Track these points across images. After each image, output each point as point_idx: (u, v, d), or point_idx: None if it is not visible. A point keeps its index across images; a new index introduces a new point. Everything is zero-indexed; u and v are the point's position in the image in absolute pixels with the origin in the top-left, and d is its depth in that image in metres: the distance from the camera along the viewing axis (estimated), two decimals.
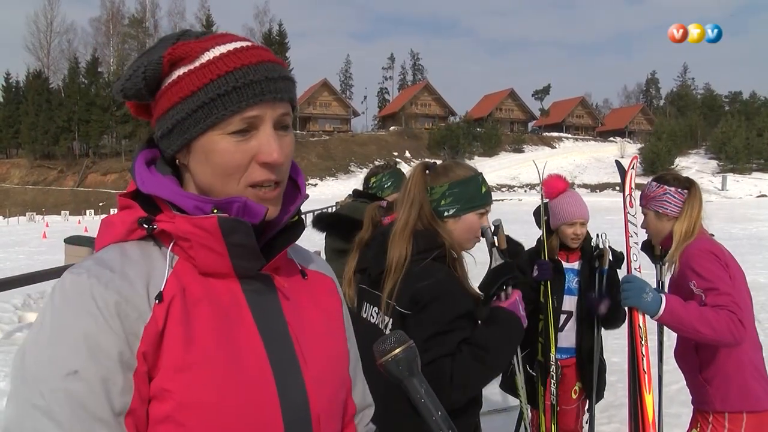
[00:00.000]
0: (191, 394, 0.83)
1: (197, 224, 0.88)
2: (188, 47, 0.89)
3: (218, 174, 0.90)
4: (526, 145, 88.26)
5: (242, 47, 0.91)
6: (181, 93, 0.89)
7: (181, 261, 0.90)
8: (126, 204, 0.94)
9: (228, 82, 0.87)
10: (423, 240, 1.86)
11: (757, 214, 28.53)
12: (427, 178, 1.96)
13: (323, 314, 1.06)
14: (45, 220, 43.41)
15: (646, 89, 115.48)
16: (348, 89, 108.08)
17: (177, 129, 0.90)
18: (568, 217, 3.21)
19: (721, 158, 69.99)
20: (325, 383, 0.98)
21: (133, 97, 0.93)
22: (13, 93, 77.43)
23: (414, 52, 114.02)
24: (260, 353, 0.91)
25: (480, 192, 1.95)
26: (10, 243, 22.29)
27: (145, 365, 0.83)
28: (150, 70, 0.90)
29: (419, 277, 1.80)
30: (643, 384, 2.42)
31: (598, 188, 64.98)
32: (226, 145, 0.88)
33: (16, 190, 68.50)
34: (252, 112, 0.88)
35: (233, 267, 0.91)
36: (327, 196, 51.77)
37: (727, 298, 2.26)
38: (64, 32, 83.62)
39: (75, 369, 0.78)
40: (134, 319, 0.82)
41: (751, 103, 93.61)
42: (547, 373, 3.08)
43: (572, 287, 3.28)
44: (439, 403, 0.92)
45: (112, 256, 0.88)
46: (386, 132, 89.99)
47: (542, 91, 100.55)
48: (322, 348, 1.01)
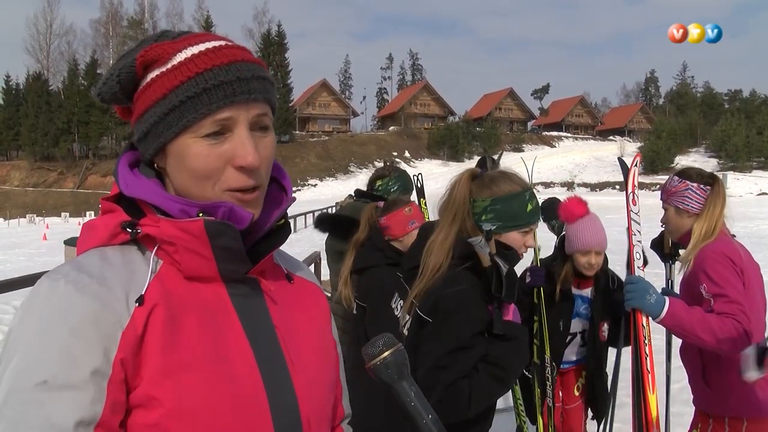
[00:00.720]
0: (181, 400, 0.81)
1: (183, 228, 0.86)
2: (161, 49, 0.88)
3: (193, 178, 0.88)
4: (525, 144, 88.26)
5: (215, 47, 0.88)
6: (154, 96, 0.87)
7: (165, 265, 0.89)
8: (109, 208, 0.92)
9: (198, 83, 0.85)
10: (461, 248, 1.80)
11: (757, 212, 28.51)
12: (472, 188, 1.87)
13: (310, 318, 1.05)
14: (45, 222, 43.41)
15: (646, 88, 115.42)
16: (347, 89, 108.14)
17: (152, 133, 0.89)
18: (582, 245, 2.99)
19: (721, 156, 70.02)
20: (315, 387, 0.97)
21: (110, 101, 0.93)
22: (13, 95, 77.37)
23: (413, 52, 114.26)
24: (248, 357, 0.89)
25: (525, 210, 1.83)
26: (11, 245, 22.30)
27: (122, 372, 0.80)
28: (124, 73, 0.89)
29: (446, 283, 1.78)
30: (647, 383, 2.37)
31: (598, 187, 64.94)
32: (199, 149, 0.87)
33: (17, 192, 68.50)
34: (224, 114, 0.86)
35: (219, 271, 0.89)
36: (326, 196, 51.83)
37: (735, 307, 2.20)
38: (63, 34, 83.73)
39: (44, 379, 0.76)
40: (111, 323, 0.81)
41: (751, 101, 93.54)
42: (544, 375, 3.06)
43: (580, 312, 3.16)
44: (430, 406, 0.92)
45: (92, 261, 0.86)
46: (385, 132, 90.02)
47: (541, 91, 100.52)
48: (311, 351, 1.00)
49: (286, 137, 77.74)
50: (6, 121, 74.97)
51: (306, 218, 29.05)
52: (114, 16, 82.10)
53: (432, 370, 1.72)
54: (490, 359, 1.75)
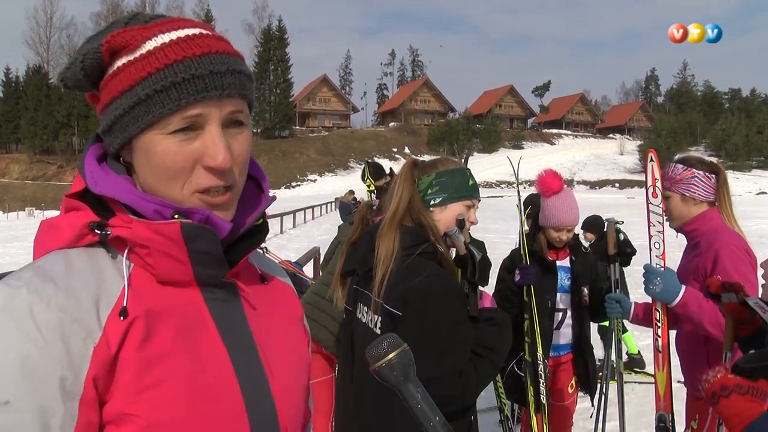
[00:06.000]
0: (157, 414, 0.77)
1: (157, 230, 0.80)
2: (130, 35, 0.81)
3: (160, 177, 0.82)
4: (525, 141, 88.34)
5: (188, 35, 0.81)
6: (121, 86, 0.80)
7: (136, 269, 0.83)
8: (73, 205, 0.85)
9: (166, 76, 0.78)
10: (410, 235, 1.84)
11: (756, 211, 28.54)
12: (415, 173, 1.96)
13: (285, 322, 1.01)
14: (44, 216, 43.26)
15: (646, 86, 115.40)
16: (347, 85, 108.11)
17: (117, 126, 0.82)
18: (556, 222, 3.14)
19: (721, 155, 69.99)
20: (292, 393, 0.95)
21: (74, 87, 0.85)
22: (13, 88, 77.27)
23: (413, 48, 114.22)
24: (226, 365, 0.85)
25: (467, 183, 1.95)
26: (9, 238, 22.29)
27: (93, 391, 0.74)
28: (89, 59, 0.81)
29: (407, 274, 1.77)
30: (656, 362, 2.53)
31: (597, 185, 65.02)
32: (167, 146, 0.80)
33: (16, 185, 68.44)
34: (194, 111, 0.80)
35: (195, 275, 0.84)
36: (326, 191, 51.82)
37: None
38: (63, 27, 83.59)
39: (6, 399, 0.69)
40: (81, 339, 0.74)
41: (751, 100, 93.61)
42: (536, 373, 3.07)
43: (564, 285, 3.27)
44: (437, 408, 0.91)
45: (56, 266, 0.78)
46: (385, 128, 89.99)
47: (543, 88, 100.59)
48: (287, 357, 0.96)
49: (286, 132, 77.79)
50: (5, 114, 74.91)
51: (305, 214, 29.04)
52: (115, 9, 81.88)
53: (438, 361, 1.71)
54: (483, 342, 1.80)
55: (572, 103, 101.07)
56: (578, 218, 3.23)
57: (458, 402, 1.74)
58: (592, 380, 3.33)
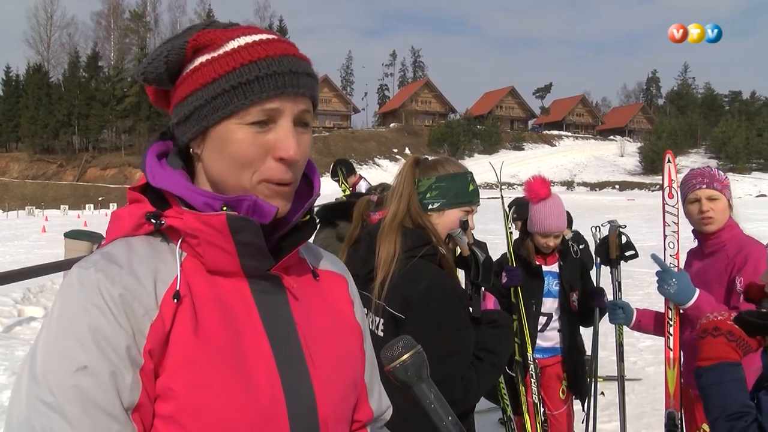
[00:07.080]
0: (195, 395, 0.82)
1: (205, 221, 0.86)
2: (213, 35, 0.88)
3: (232, 165, 0.88)
4: (526, 143, 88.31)
5: (268, 39, 0.89)
6: (202, 80, 0.87)
7: (188, 258, 0.89)
8: (135, 198, 0.92)
9: (251, 71, 0.86)
10: (411, 237, 1.83)
11: (756, 213, 28.50)
12: (416, 172, 1.94)
13: (334, 315, 1.03)
14: (44, 214, 43.36)
15: (647, 88, 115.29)
16: (348, 85, 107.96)
17: (194, 115, 0.88)
18: (543, 228, 3.16)
19: (721, 158, 70.03)
20: (335, 385, 0.96)
21: (153, 82, 0.92)
22: (13, 87, 77.33)
23: (415, 49, 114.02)
24: (267, 354, 0.89)
25: (467, 189, 1.92)
26: (10, 237, 22.28)
27: (151, 362, 0.82)
28: (173, 54, 0.89)
29: (409, 277, 1.77)
30: (667, 360, 2.57)
31: (598, 186, 65.03)
32: (242, 135, 0.87)
33: (16, 183, 68.47)
34: (272, 104, 0.87)
35: (242, 266, 0.89)
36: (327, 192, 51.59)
37: None
38: (64, 26, 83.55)
39: (84, 364, 0.78)
40: (140, 315, 0.81)
41: (751, 103, 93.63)
42: (527, 372, 3.07)
43: (552, 290, 3.27)
44: (449, 408, 0.92)
45: (120, 251, 0.86)
46: (386, 129, 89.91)
47: (544, 90, 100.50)
48: (332, 349, 0.98)
49: None
50: (6, 113, 74.92)
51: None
52: (115, 8, 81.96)
53: (440, 365, 1.71)
54: (485, 345, 1.79)
55: (573, 104, 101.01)
56: (565, 224, 3.27)
57: (460, 406, 1.73)
58: (582, 385, 3.33)
